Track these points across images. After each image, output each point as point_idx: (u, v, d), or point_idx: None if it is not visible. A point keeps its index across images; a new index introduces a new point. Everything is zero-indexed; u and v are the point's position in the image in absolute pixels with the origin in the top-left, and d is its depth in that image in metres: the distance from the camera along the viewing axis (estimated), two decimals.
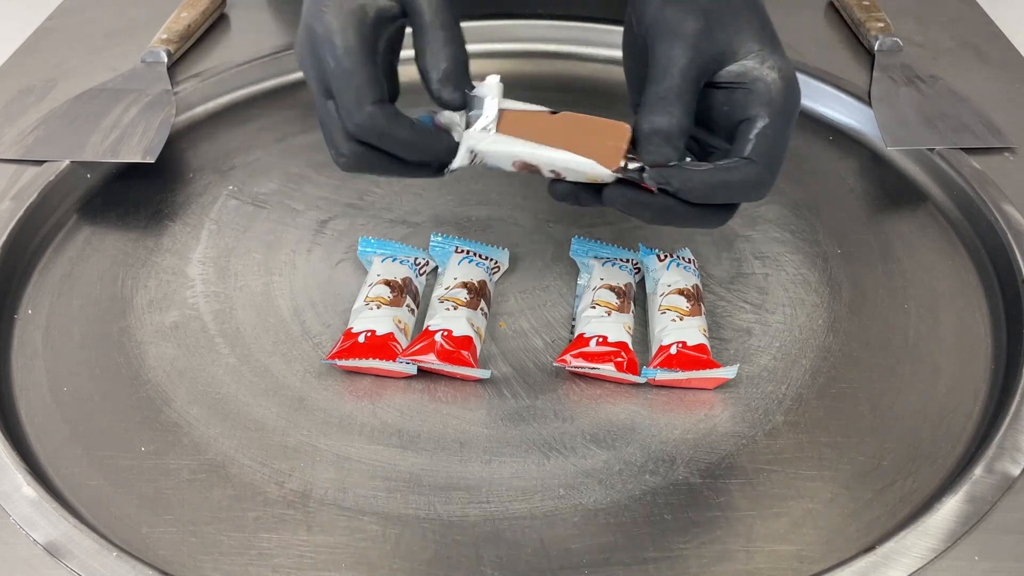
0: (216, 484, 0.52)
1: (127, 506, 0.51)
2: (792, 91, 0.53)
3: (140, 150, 0.70)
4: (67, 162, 0.70)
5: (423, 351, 0.56)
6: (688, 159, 0.53)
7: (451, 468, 0.53)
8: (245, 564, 0.48)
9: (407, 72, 0.55)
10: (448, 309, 0.58)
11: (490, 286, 0.62)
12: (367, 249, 0.64)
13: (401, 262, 0.62)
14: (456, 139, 0.52)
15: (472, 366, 0.56)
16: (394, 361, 0.56)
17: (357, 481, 0.52)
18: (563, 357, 0.57)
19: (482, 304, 0.60)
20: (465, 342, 0.57)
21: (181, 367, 0.59)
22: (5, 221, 0.65)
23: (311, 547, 0.49)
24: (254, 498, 0.51)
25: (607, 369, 0.56)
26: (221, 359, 0.59)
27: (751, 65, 0.53)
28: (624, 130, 0.51)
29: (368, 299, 0.59)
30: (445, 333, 0.57)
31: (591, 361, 0.56)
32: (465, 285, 0.60)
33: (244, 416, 0.56)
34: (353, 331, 0.58)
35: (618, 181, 0.51)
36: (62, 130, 0.73)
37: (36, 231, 0.67)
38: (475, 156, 0.52)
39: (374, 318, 0.58)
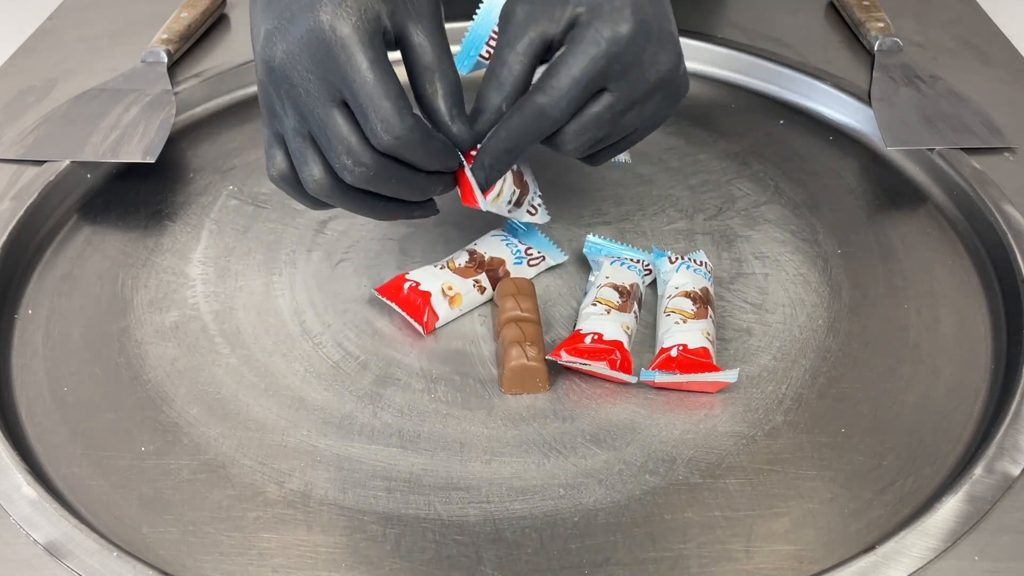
0: (216, 484, 0.52)
1: (127, 506, 0.51)
2: (617, 28, 0.52)
3: (140, 150, 0.70)
4: (67, 162, 0.70)
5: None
6: None
7: (451, 468, 0.53)
8: (245, 564, 0.48)
9: None
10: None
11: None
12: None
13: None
14: None
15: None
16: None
17: (357, 481, 0.52)
18: (557, 351, 0.57)
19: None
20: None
21: (181, 367, 0.59)
22: (5, 221, 0.65)
23: (311, 547, 0.49)
24: (254, 498, 0.51)
25: (599, 366, 0.56)
26: (221, 359, 0.59)
27: (580, 31, 0.53)
28: None
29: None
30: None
31: (584, 357, 0.56)
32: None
33: (244, 416, 0.56)
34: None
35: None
36: (62, 130, 0.73)
37: (36, 231, 0.67)
38: None
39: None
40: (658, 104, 0.55)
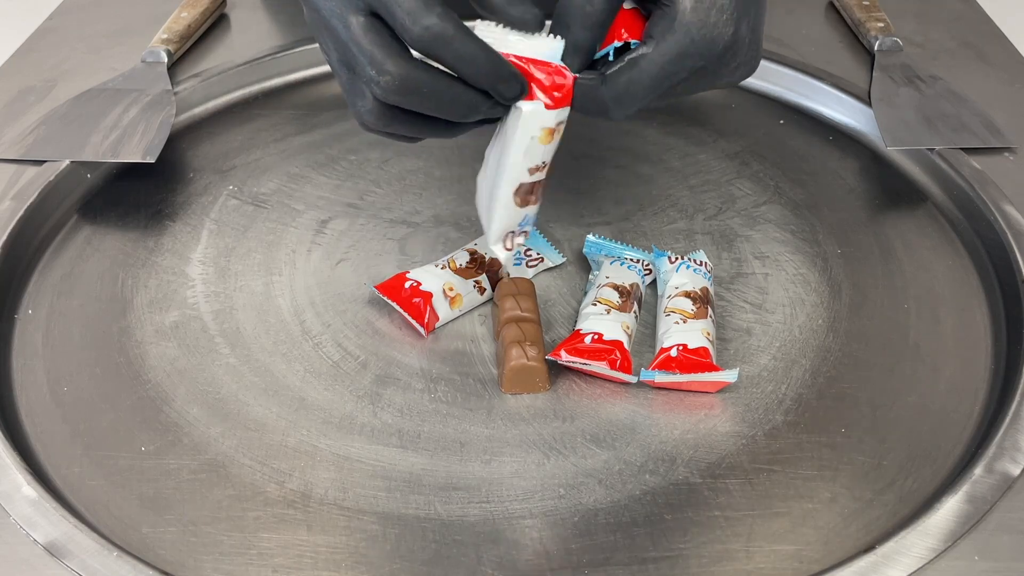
0: (216, 484, 0.52)
1: (127, 506, 0.51)
2: (704, 34, 0.50)
3: (140, 150, 0.70)
4: (67, 162, 0.70)
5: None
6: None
7: (451, 468, 0.53)
8: (245, 564, 0.48)
9: None
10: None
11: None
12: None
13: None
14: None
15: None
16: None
17: (357, 481, 0.52)
18: (557, 351, 0.57)
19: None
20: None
21: (181, 367, 0.59)
22: (5, 221, 0.65)
23: (311, 547, 0.49)
24: (254, 498, 0.51)
25: (599, 366, 0.56)
26: (221, 359, 0.59)
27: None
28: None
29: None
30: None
31: (584, 357, 0.56)
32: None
33: (244, 416, 0.56)
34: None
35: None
36: (62, 130, 0.73)
37: (36, 231, 0.67)
38: None
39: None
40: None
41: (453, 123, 0.53)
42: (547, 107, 0.52)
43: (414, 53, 0.50)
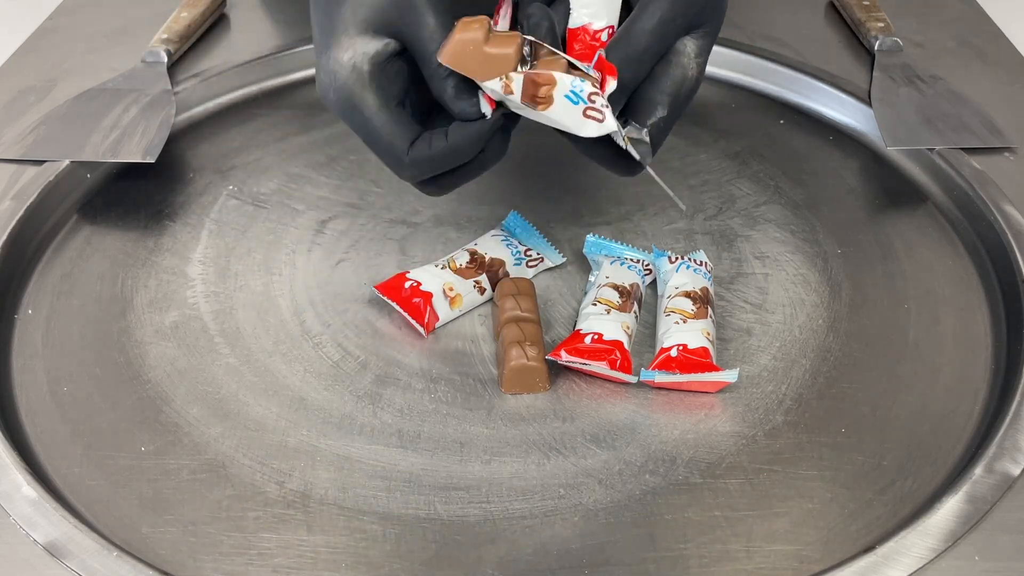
0: (216, 484, 0.52)
1: (127, 506, 0.51)
2: (693, 91, 0.56)
3: (140, 150, 0.70)
4: (67, 162, 0.70)
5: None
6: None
7: (451, 468, 0.53)
8: (245, 564, 0.48)
9: None
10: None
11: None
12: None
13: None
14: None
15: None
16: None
17: (357, 481, 0.52)
18: (557, 351, 0.57)
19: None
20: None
21: (181, 367, 0.59)
22: (5, 221, 0.65)
23: (311, 547, 0.49)
24: (254, 498, 0.51)
25: (599, 366, 0.56)
26: (221, 359, 0.59)
27: (690, 49, 0.55)
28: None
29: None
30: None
31: (584, 357, 0.56)
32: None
33: (244, 416, 0.56)
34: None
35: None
36: (62, 130, 0.73)
37: (36, 231, 0.67)
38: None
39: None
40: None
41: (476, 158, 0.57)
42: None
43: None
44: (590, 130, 0.52)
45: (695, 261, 0.62)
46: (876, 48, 0.82)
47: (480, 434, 0.55)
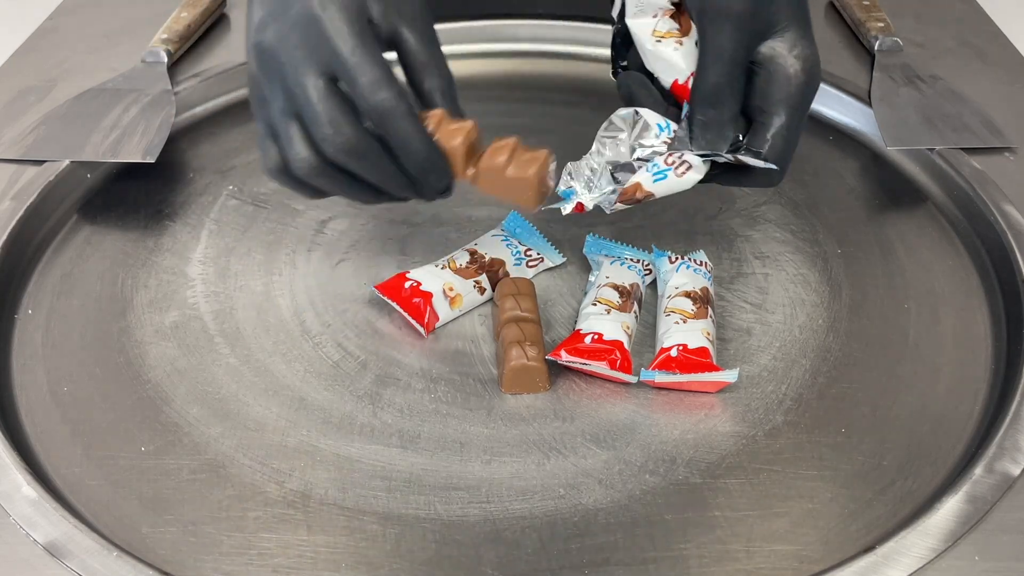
0: (216, 484, 0.52)
1: (127, 506, 0.51)
2: (812, 85, 0.54)
3: (140, 150, 0.70)
4: (67, 162, 0.70)
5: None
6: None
7: (451, 468, 0.53)
8: (245, 564, 0.48)
9: None
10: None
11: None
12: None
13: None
14: None
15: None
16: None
17: (357, 481, 0.52)
18: (557, 351, 0.57)
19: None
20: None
21: (181, 367, 0.59)
22: (5, 221, 0.65)
23: (311, 547, 0.49)
24: (254, 498, 0.51)
25: (599, 366, 0.56)
26: (221, 359, 0.59)
27: (779, 50, 0.54)
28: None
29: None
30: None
31: (584, 357, 0.56)
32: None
33: (244, 416, 0.56)
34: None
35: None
36: (62, 130, 0.73)
37: (36, 231, 0.67)
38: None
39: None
40: None
41: (380, 192, 0.56)
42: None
43: None
44: (692, 181, 0.55)
45: (695, 261, 0.62)
46: (876, 48, 0.82)
47: (480, 434, 0.55)
